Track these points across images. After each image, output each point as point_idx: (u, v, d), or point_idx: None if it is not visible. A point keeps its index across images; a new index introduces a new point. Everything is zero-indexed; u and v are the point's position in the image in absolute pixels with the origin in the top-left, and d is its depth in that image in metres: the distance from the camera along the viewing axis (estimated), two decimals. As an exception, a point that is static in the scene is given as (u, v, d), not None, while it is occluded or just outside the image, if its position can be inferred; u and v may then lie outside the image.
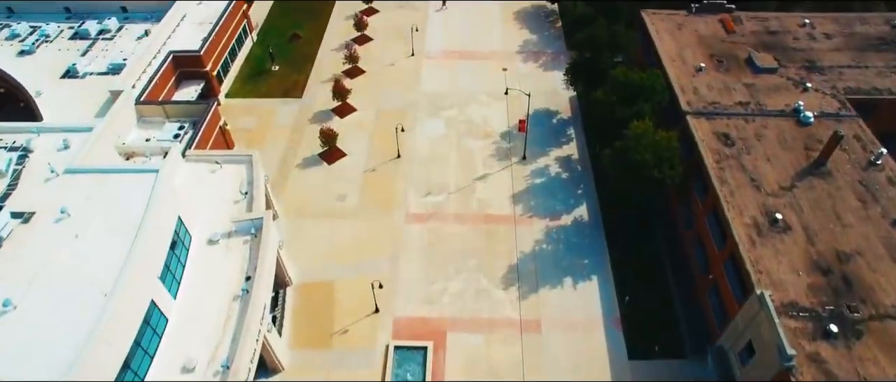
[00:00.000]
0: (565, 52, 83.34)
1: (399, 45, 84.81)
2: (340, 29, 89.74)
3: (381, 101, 75.38)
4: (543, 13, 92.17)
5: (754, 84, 61.74)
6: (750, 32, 69.96)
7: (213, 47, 75.90)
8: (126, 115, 62.23)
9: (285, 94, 77.88)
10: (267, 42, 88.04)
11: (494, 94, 75.52)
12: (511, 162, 66.72)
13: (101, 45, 75.21)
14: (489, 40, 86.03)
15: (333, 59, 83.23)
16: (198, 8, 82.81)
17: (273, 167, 66.71)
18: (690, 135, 55.71)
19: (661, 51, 65.83)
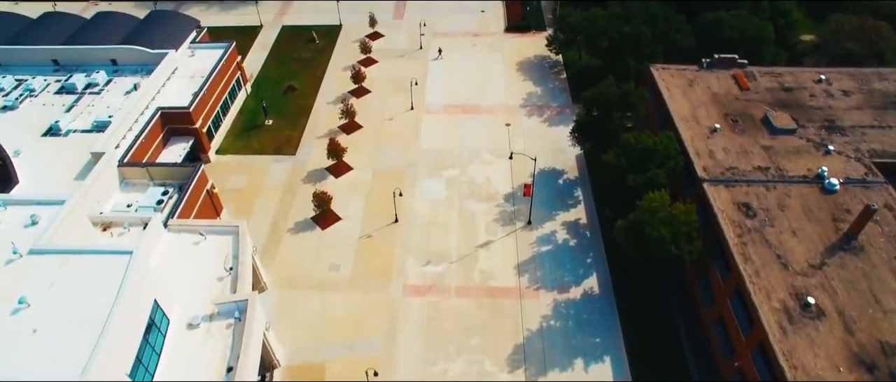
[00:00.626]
0: (571, 106, 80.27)
1: (398, 99, 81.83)
2: (338, 80, 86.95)
3: (378, 160, 71.95)
4: (547, 64, 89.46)
5: (773, 146, 58.24)
6: (764, 89, 66.82)
7: (204, 102, 72.86)
8: (107, 179, 58.66)
9: (278, 151, 74.51)
10: (261, 94, 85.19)
11: (498, 152, 72.15)
12: (516, 227, 62.89)
13: (88, 99, 72.08)
14: (492, 93, 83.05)
15: (330, 112, 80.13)
16: (190, 60, 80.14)
17: (263, 232, 62.93)
18: (708, 204, 51.94)
19: (672, 110, 62.56)
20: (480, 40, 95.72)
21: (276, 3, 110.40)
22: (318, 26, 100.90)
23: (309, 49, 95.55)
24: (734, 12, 78.71)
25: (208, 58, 79.72)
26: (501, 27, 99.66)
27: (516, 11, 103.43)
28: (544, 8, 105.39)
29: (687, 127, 60.68)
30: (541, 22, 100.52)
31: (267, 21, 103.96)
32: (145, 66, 76.73)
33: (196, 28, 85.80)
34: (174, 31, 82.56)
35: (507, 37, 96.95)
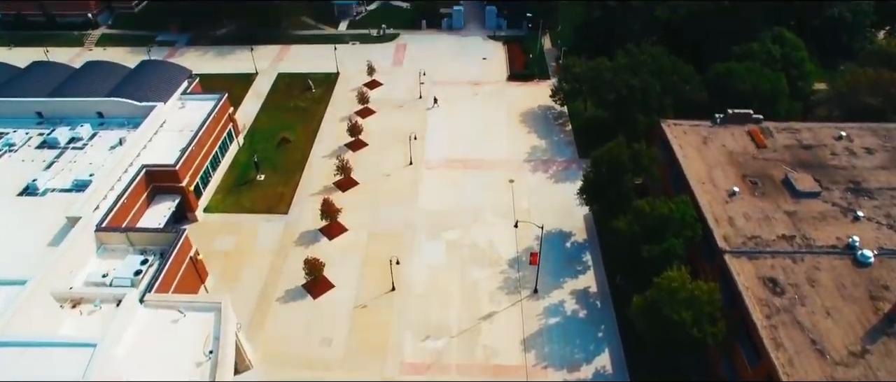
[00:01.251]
0: (577, 160, 76.74)
1: (397, 152, 78.31)
2: (334, 132, 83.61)
3: (375, 220, 68.02)
4: (552, 115, 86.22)
5: (796, 212, 54.30)
6: (782, 146, 63.20)
7: (192, 158, 69.30)
8: (83, 246, 54.68)
9: (270, 209, 70.64)
10: (254, 146, 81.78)
11: (501, 212, 68.29)
12: (521, 296, 58.59)
13: (70, 155, 68.55)
14: (494, 146, 79.58)
15: (325, 166, 76.53)
16: (180, 112, 76.91)
17: (251, 301, 58.66)
18: (731, 279, 47.76)
19: (687, 172, 58.79)
20: (482, 89, 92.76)
21: (272, 49, 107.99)
22: (314, 74, 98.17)
23: (305, 98, 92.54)
24: (746, 64, 75.65)
25: (199, 110, 76.47)
26: (504, 75, 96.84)
27: (519, 59, 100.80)
28: (548, 55, 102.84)
29: (703, 190, 56.86)
30: (544, 70, 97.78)
31: (262, 68, 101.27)
32: (132, 119, 73.45)
33: (188, 78, 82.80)
34: (164, 81, 79.62)
35: (510, 85, 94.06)
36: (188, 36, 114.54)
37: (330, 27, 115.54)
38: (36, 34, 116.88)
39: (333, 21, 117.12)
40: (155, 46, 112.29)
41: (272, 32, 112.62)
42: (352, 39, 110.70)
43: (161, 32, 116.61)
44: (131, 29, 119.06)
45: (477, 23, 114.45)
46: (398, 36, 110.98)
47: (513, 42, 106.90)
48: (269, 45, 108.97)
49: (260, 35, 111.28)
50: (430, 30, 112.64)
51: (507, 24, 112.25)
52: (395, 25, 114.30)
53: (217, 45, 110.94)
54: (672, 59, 78.05)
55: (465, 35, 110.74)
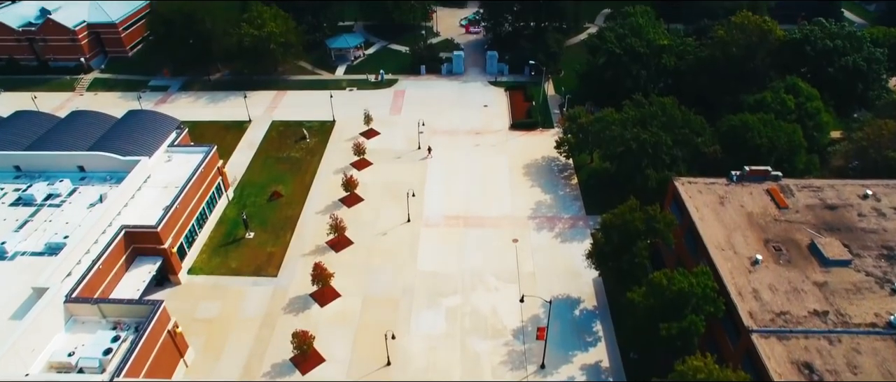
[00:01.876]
0: (584, 217, 72.66)
1: (394, 208, 74.28)
2: (328, 185, 79.69)
3: (370, 284, 63.60)
4: (556, 167, 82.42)
5: (827, 282, 49.96)
6: (805, 207, 59.12)
7: (177, 217, 65.23)
8: (50, 319, 50.24)
9: (258, 271, 66.28)
10: (244, 201, 77.80)
11: (505, 275, 63.92)
12: (527, 372, 53.84)
13: (46, 213, 64.50)
14: (497, 202, 75.60)
15: (318, 224, 72.39)
16: (166, 166, 73.15)
17: (234, 377, 53.73)
18: (760, 364, 43.15)
19: (705, 237, 54.59)
20: (484, 139, 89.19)
21: (267, 95, 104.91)
22: (309, 122, 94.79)
23: (299, 148, 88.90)
24: (760, 115, 72.07)
25: (187, 163, 72.76)
26: (506, 124, 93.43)
27: (521, 106, 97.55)
28: (551, 102, 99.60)
29: (724, 257, 52.59)
30: (548, 118, 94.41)
31: (256, 115, 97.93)
32: (116, 174, 69.69)
33: (176, 128, 79.27)
34: (151, 132, 76.11)
35: (513, 135, 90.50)
36: (181, 80, 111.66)
37: (327, 72, 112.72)
38: (28, 79, 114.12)
39: (331, 66, 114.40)
40: (147, 91, 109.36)
41: (267, 78, 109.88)
42: (349, 85, 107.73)
43: (154, 77, 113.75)
44: (124, 73, 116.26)
45: (478, 68, 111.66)
46: (397, 81, 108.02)
47: (515, 88, 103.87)
48: (263, 91, 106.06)
49: (255, 80, 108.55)
50: (429, 75, 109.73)
51: (508, 70, 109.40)
52: (394, 70, 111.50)
53: (210, 91, 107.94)
54: (683, 111, 74.60)
55: (465, 81, 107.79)
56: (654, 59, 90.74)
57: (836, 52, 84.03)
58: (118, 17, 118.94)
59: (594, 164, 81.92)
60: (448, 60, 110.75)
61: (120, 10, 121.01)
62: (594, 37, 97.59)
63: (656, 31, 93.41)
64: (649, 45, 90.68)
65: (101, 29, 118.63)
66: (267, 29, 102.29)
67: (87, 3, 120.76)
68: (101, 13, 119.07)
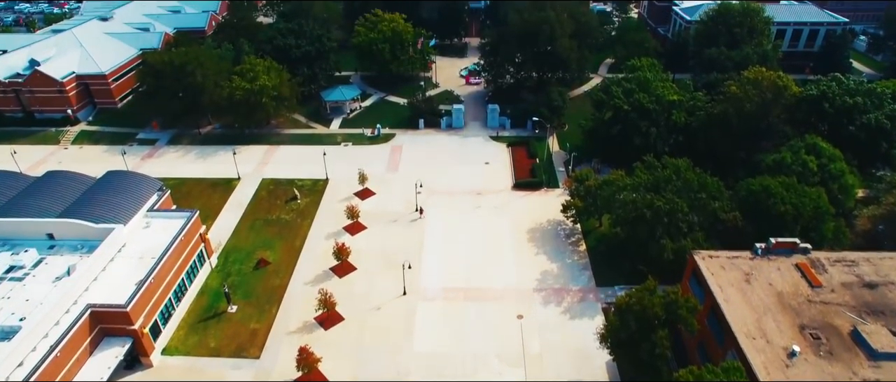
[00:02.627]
0: (594, 289, 67.17)
1: (389, 279, 68.72)
2: (319, 252, 74.29)
3: (361, 367, 57.73)
4: (563, 232, 77.17)
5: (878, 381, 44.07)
6: (840, 285, 53.63)
7: (151, 293, 59.72)
8: (-5, 421, 44.13)
9: (239, 352, 60.40)
10: (228, 269, 72.29)
11: (509, 358, 58.16)
12: None
13: (6, 289, 58.98)
14: (499, 271, 70.11)
15: (306, 297, 66.78)
16: (144, 233, 67.93)
17: None
18: None
19: (733, 323, 48.96)
20: (485, 200, 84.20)
21: (258, 150, 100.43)
22: (301, 180, 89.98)
23: (289, 209, 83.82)
24: (781, 179, 67.28)
25: (166, 230, 67.56)
26: (508, 183, 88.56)
27: (524, 164, 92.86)
28: (555, 159, 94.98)
29: (755, 348, 46.86)
30: (553, 177, 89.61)
31: (246, 172, 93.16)
32: (88, 242, 64.47)
33: (158, 191, 74.30)
34: (130, 196, 71.13)
35: (516, 195, 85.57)
36: (171, 134, 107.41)
37: (322, 126, 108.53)
38: (11, 131, 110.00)
39: (326, 119, 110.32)
40: (135, 144, 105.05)
41: (260, 132, 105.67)
42: (344, 140, 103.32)
43: (143, 130, 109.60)
44: (112, 125, 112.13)
45: (478, 122, 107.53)
46: (394, 136, 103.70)
47: (517, 144, 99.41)
48: (255, 146, 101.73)
49: (246, 134, 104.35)
50: (428, 129, 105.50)
51: (510, 124, 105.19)
52: (392, 124, 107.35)
53: (200, 145, 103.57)
54: (698, 174, 69.76)
55: (465, 135, 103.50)
56: (664, 115, 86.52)
57: (856, 110, 79.84)
58: (108, 67, 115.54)
59: (603, 229, 76.78)
60: (447, 114, 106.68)
61: (111, 60, 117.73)
62: (599, 91, 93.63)
63: (665, 86, 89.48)
64: (658, 100, 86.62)
65: (91, 80, 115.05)
66: (259, 82, 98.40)
67: (79, 53, 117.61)
68: (91, 64, 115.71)
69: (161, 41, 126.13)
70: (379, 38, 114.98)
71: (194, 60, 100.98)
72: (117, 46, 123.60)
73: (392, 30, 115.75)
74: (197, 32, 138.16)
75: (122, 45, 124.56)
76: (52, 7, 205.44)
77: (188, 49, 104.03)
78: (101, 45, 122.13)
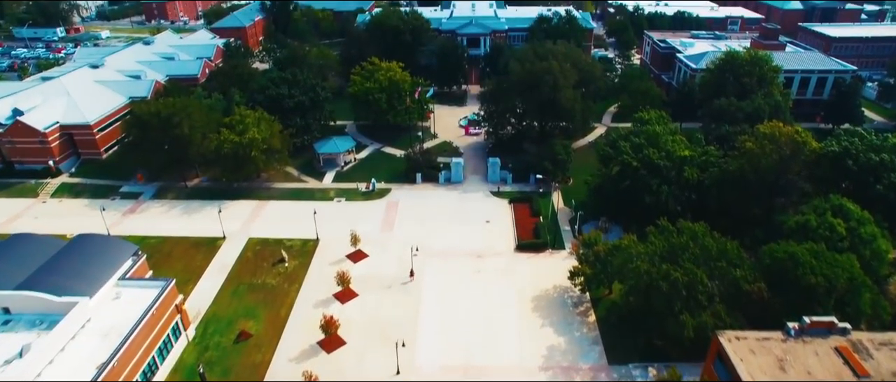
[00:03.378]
0: (606, 368, 61.09)
1: (381, 355, 62.63)
2: (306, 322, 68.17)
3: (346, 467, 51.02)
4: (570, 300, 71.30)
5: None
6: (891, 374, 47.58)
7: (114, 377, 53.37)
8: None
9: (211, 444, 53.77)
10: (206, 341, 66.19)
11: (514, 455, 51.40)
12: None
13: (-50, 374, 52.68)
14: (502, 347, 64.09)
15: (290, 374, 60.56)
16: (112, 305, 62.13)
17: None
18: None
19: (773, 424, 42.70)
20: (486, 264, 78.50)
21: (246, 206, 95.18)
22: (290, 240, 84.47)
23: (276, 273, 78.06)
24: (809, 245, 61.80)
25: (138, 301, 61.80)
26: (511, 244, 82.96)
27: (528, 223, 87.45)
28: (561, 217, 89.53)
29: (801, 456, 40.52)
30: (558, 238, 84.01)
31: (232, 230, 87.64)
32: (48, 317, 58.47)
33: (133, 256, 68.68)
34: (101, 263, 65.60)
35: (519, 258, 79.93)
36: (156, 187, 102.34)
37: (314, 180, 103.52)
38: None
39: (319, 172, 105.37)
40: (117, 198, 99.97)
41: (249, 185, 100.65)
42: (337, 195, 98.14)
43: (127, 182, 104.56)
44: (95, 177, 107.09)
45: (478, 176, 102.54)
46: (389, 191, 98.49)
47: (520, 200, 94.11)
48: (243, 201, 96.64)
49: (235, 188, 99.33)
50: (425, 184, 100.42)
51: (512, 178, 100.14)
52: (387, 178, 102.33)
53: (185, 200, 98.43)
54: (717, 239, 64.23)
55: (465, 191, 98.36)
56: (675, 171, 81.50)
57: (882, 167, 74.87)
58: (94, 117, 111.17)
59: (614, 296, 70.91)
60: (446, 168, 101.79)
61: (98, 109, 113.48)
62: (605, 145, 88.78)
63: (675, 140, 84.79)
64: (669, 156, 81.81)
65: (75, 130, 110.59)
66: (249, 135, 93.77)
67: (65, 102, 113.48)
68: (76, 113, 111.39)
69: (151, 90, 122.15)
70: (375, 87, 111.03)
71: (181, 111, 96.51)
72: (106, 95, 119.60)
73: (389, 79, 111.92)
74: (190, 80, 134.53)
75: (110, 93, 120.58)
76: (49, 53, 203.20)
77: (176, 99, 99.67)
78: (89, 93, 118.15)
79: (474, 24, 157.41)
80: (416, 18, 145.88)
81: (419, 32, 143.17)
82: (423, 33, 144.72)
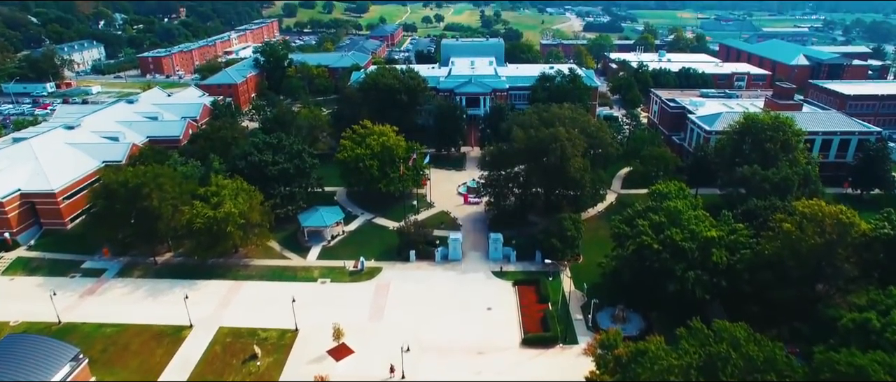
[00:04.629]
0: None
1: None
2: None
3: None
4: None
5: None
6: None
7: None
8: None
9: None
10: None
11: None
12: None
13: None
14: None
15: None
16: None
17: None
18: None
19: None
20: (488, 363, 68.19)
21: (220, 287, 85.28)
22: (266, 330, 74.30)
23: (246, 372, 67.77)
24: (878, 356, 51.49)
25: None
26: (516, 337, 72.65)
27: (534, 310, 77.48)
28: (572, 303, 79.34)
29: None
30: (570, 329, 73.75)
31: (202, 317, 77.49)
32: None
33: (71, 360, 58.46)
34: (31, 370, 55.07)
35: (526, 355, 69.67)
36: (121, 263, 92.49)
37: (298, 256, 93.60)
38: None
39: (303, 248, 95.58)
40: (78, 275, 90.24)
41: (224, 262, 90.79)
42: (322, 276, 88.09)
43: (92, 257, 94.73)
44: (56, 251, 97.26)
45: (479, 253, 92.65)
46: (380, 271, 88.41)
47: (525, 282, 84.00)
48: (217, 281, 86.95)
49: (209, 266, 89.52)
50: (420, 263, 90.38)
51: (516, 256, 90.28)
52: (378, 254, 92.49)
53: (153, 279, 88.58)
54: (761, 344, 54.03)
55: (464, 271, 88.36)
56: (700, 253, 71.94)
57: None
58: (59, 185, 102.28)
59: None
60: (442, 244, 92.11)
61: (65, 176, 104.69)
62: (621, 222, 79.32)
63: (698, 217, 75.56)
64: (693, 236, 72.39)
65: (38, 198, 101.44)
66: (224, 209, 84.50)
67: (31, 166, 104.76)
68: (41, 180, 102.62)
69: (127, 154, 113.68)
70: (366, 154, 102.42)
71: (152, 181, 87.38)
72: (77, 159, 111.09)
73: (381, 144, 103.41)
74: (171, 142, 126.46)
75: (83, 157, 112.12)
76: (34, 110, 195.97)
77: (147, 168, 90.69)
78: (58, 157, 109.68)
79: (474, 83, 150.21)
80: (412, 77, 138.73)
81: (415, 92, 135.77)
82: (420, 93, 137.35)
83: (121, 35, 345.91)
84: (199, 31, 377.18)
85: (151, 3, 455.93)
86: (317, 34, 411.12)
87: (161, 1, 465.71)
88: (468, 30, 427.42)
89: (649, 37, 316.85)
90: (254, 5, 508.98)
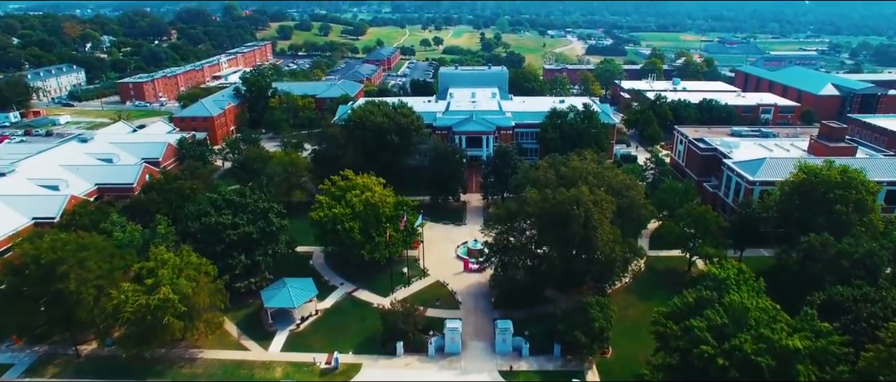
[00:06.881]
0: None
1: None
2: None
3: None
4: None
5: None
6: None
7: None
8: None
9: None
10: None
11: None
12: None
13: None
14: None
15: None
16: None
17: None
18: None
19: None
20: None
21: (154, 394, 66.50)
22: (200, 470, 55.45)
23: None
24: None
25: None
26: None
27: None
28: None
29: None
30: None
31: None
32: None
33: None
34: None
35: None
36: (35, 356, 74.01)
37: (258, 346, 74.94)
38: None
39: (266, 332, 77.04)
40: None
41: (168, 353, 72.36)
42: (286, 374, 69.60)
43: (1, 344, 76.52)
44: (-39, 337, 78.69)
45: (483, 343, 74.08)
46: (359, 369, 69.83)
47: (542, 389, 65.70)
48: None
49: (148, 359, 70.95)
50: (409, 357, 71.86)
51: (529, 349, 71.75)
52: (357, 345, 74.07)
53: (72, 378, 69.94)
54: None
55: (464, 370, 69.89)
56: (781, 369, 53.65)
57: None
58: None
59: None
60: (437, 330, 73.69)
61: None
62: (667, 319, 61.11)
63: (774, 322, 57.25)
64: (769, 345, 54.10)
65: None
66: (159, 294, 66.17)
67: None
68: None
69: (62, 208, 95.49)
70: (346, 213, 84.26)
71: (73, 256, 69.25)
72: (2, 215, 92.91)
73: (364, 202, 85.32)
74: (123, 191, 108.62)
75: (9, 212, 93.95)
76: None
77: (69, 237, 72.54)
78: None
79: (475, 120, 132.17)
80: (405, 114, 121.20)
81: (408, 132, 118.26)
82: (414, 133, 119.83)
83: (105, 59, 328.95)
84: (189, 54, 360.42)
85: (143, 26, 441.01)
86: (311, 58, 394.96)
87: (152, 23, 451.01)
88: (468, 53, 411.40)
89: (657, 62, 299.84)
90: (248, 28, 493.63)
